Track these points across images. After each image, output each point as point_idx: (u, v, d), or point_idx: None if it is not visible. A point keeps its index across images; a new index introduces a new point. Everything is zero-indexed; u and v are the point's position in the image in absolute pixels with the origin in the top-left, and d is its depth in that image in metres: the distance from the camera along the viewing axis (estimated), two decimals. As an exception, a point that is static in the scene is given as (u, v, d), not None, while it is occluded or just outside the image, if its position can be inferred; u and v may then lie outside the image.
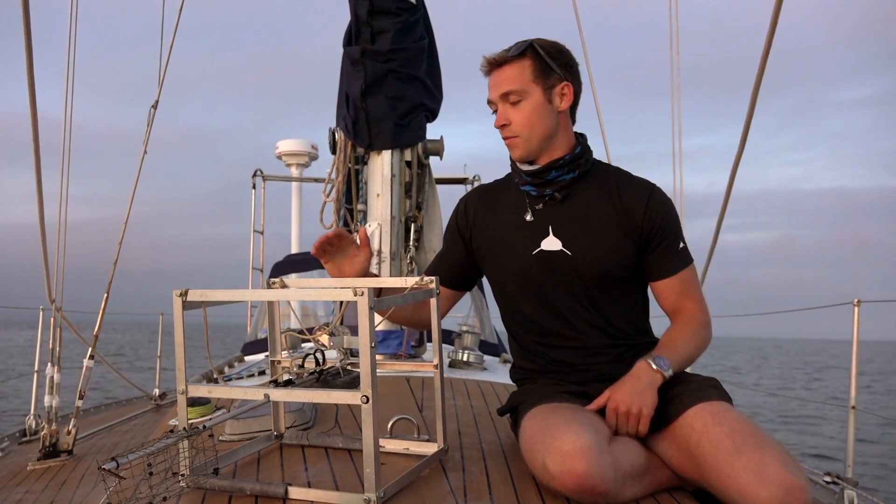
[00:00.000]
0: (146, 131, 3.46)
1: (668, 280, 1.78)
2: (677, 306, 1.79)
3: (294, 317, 3.98)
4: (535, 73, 1.74)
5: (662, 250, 1.77)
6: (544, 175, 1.78)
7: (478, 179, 6.34)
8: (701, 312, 1.79)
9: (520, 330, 1.88)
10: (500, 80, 1.76)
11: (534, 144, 1.76)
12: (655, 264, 1.78)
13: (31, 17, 2.35)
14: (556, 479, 1.42)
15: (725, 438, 1.45)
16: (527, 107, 1.74)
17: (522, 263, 1.79)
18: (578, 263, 1.76)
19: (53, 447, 2.77)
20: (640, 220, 1.75)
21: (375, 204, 3.21)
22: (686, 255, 1.80)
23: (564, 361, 1.80)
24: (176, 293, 1.47)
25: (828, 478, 2.85)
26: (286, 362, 1.77)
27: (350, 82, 3.18)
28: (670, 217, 1.78)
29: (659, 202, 1.78)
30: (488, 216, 1.88)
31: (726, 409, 1.54)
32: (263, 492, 1.42)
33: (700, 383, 1.65)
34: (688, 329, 1.76)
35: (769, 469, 1.36)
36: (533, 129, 1.75)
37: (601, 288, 1.77)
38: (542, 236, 1.79)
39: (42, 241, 2.92)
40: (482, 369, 3.28)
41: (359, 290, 1.33)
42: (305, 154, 7.48)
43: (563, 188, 1.79)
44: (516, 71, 1.74)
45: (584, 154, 1.80)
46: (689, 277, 1.80)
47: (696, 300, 1.80)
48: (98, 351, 3.15)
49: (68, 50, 3.13)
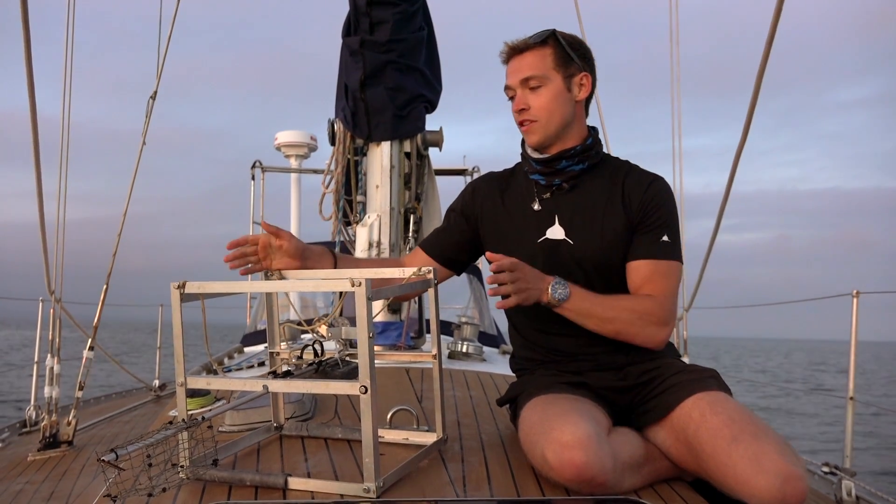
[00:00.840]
0: (145, 122, 3.45)
1: (638, 262, 1.75)
2: (638, 290, 1.75)
3: (293, 308, 3.98)
4: (556, 60, 1.76)
5: (644, 233, 1.75)
6: (554, 164, 1.78)
7: (477, 171, 6.32)
8: (656, 306, 1.71)
9: (521, 318, 1.88)
10: (520, 65, 1.77)
11: (551, 130, 1.77)
12: (635, 245, 1.76)
13: (29, 17, 2.34)
14: (554, 469, 1.43)
15: (723, 427, 1.45)
16: (546, 93, 1.75)
17: (527, 251, 1.79)
18: (580, 252, 1.76)
19: (54, 438, 2.78)
20: (637, 204, 1.76)
21: (375, 195, 3.21)
22: (666, 249, 1.75)
23: (564, 350, 1.80)
24: (174, 285, 1.47)
25: (826, 468, 2.86)
26: (285, 353, 1.77)
27: (349, 73, 3.17)
28: (665, 207, 1.76)
29: (658, 190, 1.77)
30: (496, 203, 1.89)
31: (724, 398, 1.55)
32: (263, 482, 1.43)
33: (699, 373, 1.66)
34: (627, 302, 1.71)
35: (767, 458, 1.36)
36: (552, 115, 1.76)
37: (602, 277, 1.77)
38: (547, 225, 1.80)
39: (41, 232, 2.93)
40: (481, 360, 3.28)
41: (356, 281, 1.33)
42: (305, 145, 7.45)
43: (571, 178, 1.79)
44: (537, 57, 1.76)
45: (594, 146, 1.81)
46: (662, 271, 1.74)
47: (661, 295, 1.73)
48: (98, 343, 3.15)
49: (66, 50, 3.12)
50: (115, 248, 3.21)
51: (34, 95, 2.53)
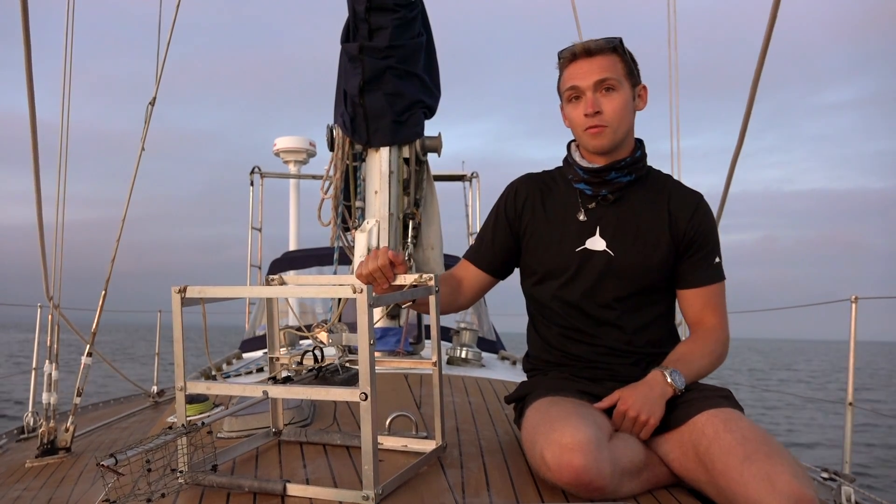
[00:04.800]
0: (144, 128, 3.45)
1: (696, 290, 1.79)
2: (700, 318, 1.80)
3: (292, 313, 3.97)
4: (626, 69, 1.76)
5: (698, 259, 1.78)
6: (603, 175, 1.77)
7: (476, 176, 6.33)
8: (722, 329, 1.79)
9: (544, 320, 1.87)
10: (593, 67, 1.73)
11: (619, 137, 1.75)
12: (688, 272, 1.79)
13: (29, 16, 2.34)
14: (552, 471, 1.43)
15: (737, 446, 1.44)
16: (620, 98, 1.74)
17: (565, 259, 1.80)
18: (619, 265, 1.76)
19: (51, 444, 2.77)
20: (685, 225, 1.77)
21: (373, 201, 3.21)
22: (719, 271, 1.81)
23: (581, 357, 1.80)
24: (175, 289, 1.47)
25: (825, 474, 2.85)
26: (285, 359, 1.77)
27: (348, 79, 3.17)
28: (712, 229, 1.81)
29: (705, 212, 1.81)
30: (536, 206, 1.87)
31: (738, 416, 1.54)
32: (262, 488, 1.42)
33: (712, 391, 1.66)
34: (706, 344, 1.76)
35: (779, 479, 1.35)
36: (622, 122, 1.75)
37: (636, 292, 1.78)
38: (588, 235, 1.80)
39: (40, 239, 2.92)
40: (480, 366, 3.28)
41: (358, 287, 1.33)
42: (303, 151, 7.46)
43: (617, 190, 1.79)
44: (610, 62, 1.74)
45: (642, 158, 1.81)
46: (718, 292, 1.80)
47: (720, 316, 1.80)
48: (96, 348, 3.15)
49: (64, 54, 3.12)
50: (114, 253, 3.20)
51: (33, 100, 2.52)
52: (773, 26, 2.30)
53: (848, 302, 3.26)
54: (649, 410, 1.58)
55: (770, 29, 2.32)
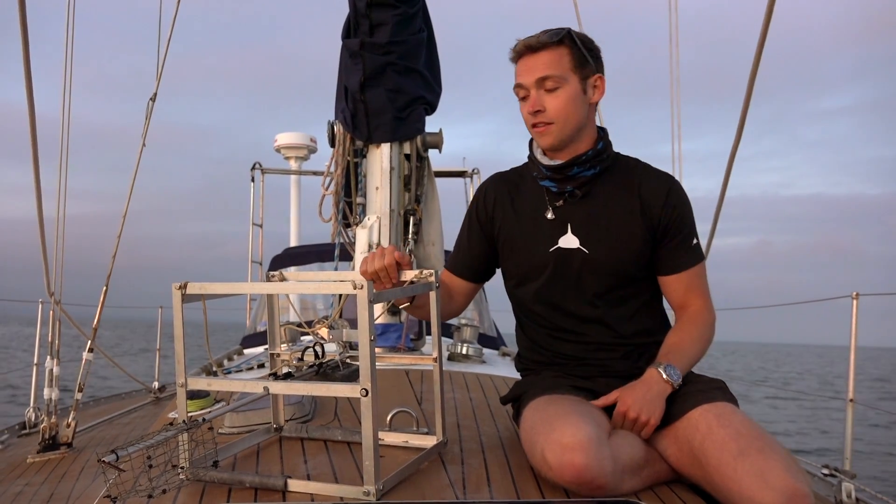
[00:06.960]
0: (144, 124, 3.45)
1: (678, 275, 1.77)
2: (684, 302, 1.79)
3: (293, 310, 3.98)
4: (573, 61, 1.69)
5: (676, 244, 1.76)
6: (566, 171, 1.74)
7: (477, 173, 6.32)
8: (707, 311, 1.79)
9: (529, 322, 1.87)
10: (535, 64, 1.69)
11: (566, 134, 1.71)
12: (668, 258, 1.77)
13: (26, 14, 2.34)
14: (554, 470, 1.43)
15: (730, 441, 1.44)
16: (564, 94, 1.69)
17: (539, 260, 1.78)
18: (595, 261, 1.74)
19: (53, 440, 2.78)
20: (658, 211, 1.74)
21: (374, 197, 3.21)
22: (698, 252, 1.79)
23: (571, 355, 1.80)
24: (175, 286, 1.47)
25: (826, 470, 2.86)
26: (285, 355, 1.77)
27: (349, 75, 3.17)
28: (687, 212, 1.77)
29: (678, 195, 1.77)
30: (507, 207, 1.85)
31: (731, 410, 1.53)
32: (263, 484, 1.43)
33: (706, 384, 1.65)
34: (695, 329, 1.75)
35: (773, 474, 1.35)
36: (568, 118, 1.70)
37: (616, 285, 1.76)
38: (560, 233, 1.77)
39: (41, 235, 2.92)
40: (481, 362, 3.28)
41: (358, 284, 1.33)
42: (304, 147, 7.45)
43: (583, 185, 1.76)
44: (554, 57, 1.68)
45: (605, 149, 1.77)
46: (699, 273, 1.79)
47: (704, 297, 1.79)
48: (97, 344, 3.15)
49: (66, 47, 3.12)
50: (115, 249, 3.21)
51: (32, 95, 2.52)
52: (766, 31, 2.30)
53: (849, 299, 3.25)
54: (649, 410, 1.58)
55: (764, 34, 2.31)
